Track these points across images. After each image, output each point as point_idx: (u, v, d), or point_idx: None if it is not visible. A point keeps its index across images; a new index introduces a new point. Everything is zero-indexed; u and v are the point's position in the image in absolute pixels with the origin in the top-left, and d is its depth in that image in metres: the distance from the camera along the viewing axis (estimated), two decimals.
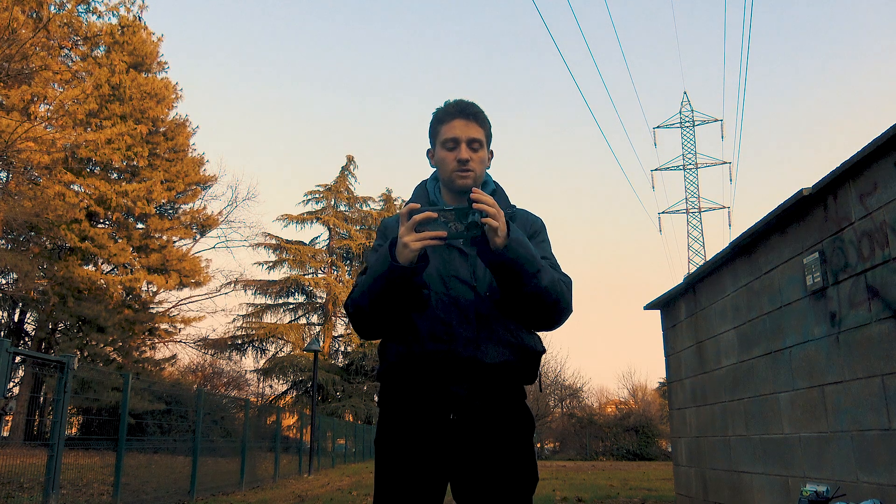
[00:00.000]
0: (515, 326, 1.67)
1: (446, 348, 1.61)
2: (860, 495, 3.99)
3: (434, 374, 1.62)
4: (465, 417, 1.62)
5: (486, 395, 1.63)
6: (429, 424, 1.63)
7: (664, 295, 7.90)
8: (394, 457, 1.65)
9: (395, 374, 1.69)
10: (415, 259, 1.51)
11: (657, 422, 35.40)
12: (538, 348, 1.72)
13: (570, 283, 1.73)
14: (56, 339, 21.77)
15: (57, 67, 18.55)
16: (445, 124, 1.76)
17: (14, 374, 17.81)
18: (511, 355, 1.65)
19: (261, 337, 36.81)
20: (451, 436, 1.62)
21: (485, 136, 1.77)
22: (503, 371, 1.64)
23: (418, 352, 1.63)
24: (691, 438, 7.32)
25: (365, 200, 41.47)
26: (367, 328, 1.68)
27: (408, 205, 1.54)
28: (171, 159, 24.03)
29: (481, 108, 1.78)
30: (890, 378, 3.85)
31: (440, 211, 1.51)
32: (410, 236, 1.49)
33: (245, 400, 14.74)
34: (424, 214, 1.50)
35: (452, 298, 1.65)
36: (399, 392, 1.69)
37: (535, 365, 1.73)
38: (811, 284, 4.71)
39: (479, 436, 1.63)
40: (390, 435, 1.68)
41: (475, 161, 1.74)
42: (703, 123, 49.07)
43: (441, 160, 1.76)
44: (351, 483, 13.38)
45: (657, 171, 50.42)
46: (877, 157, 3.98)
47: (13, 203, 17.18)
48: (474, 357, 1.60)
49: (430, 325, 1.63)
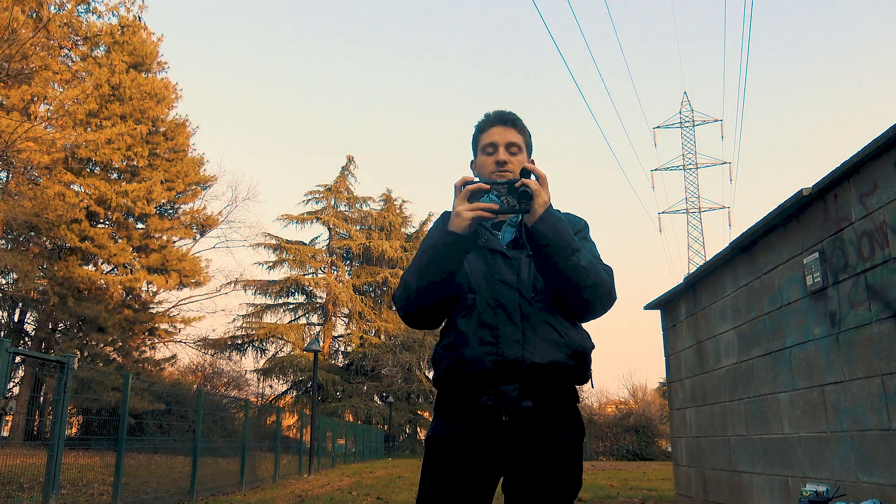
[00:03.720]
0: (562, 326, 1.68)
1: (494, 350, 1.63)
2: (860, 495, 3.99)
3: (484, 377, 1.64)
4: (516, 419, 1.64)
5: (536, 395, 1.65)
6: (481, 428, 1.65)
7: (664, 295, 7.90)
8: (444, 458, 1.68)
9: (448, 380, 1.72)
10: (467, 229, 1.56)
11: (657, 422, 35.39)
12: (587, 346, 1.73)
13: (612, 272, 1.74)
14: (56, 339, 21.77)
15: (57, 67, 18.55)
16: (485, 132, 1.82)
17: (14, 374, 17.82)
18: (559, 354, 1.65)
19: (261, 337, 36.81)
20: (502, 439, 1.65)
21: (524, 142, 1.83)
22: (552, 371, 1.65)
23: (468, 356, 1.65)
24: (691, 438, 7.32)
25: (365, 200, 41.50)
26: (414, 308, 1.70)
27: (462, 178, 1.61)
28: (171, 159, 24.02)
29: (520, 117, 1.84)
30: (890, 378, 3.85)
31: (493, 184, 1.58)
32: (463, 206, 1.56)
33: (245, 400, 14.73)
34: (477, 185, 1.57)
35: (498, 302, 1.68)
36: (452, 397, 1.72)
37: (586, 363, 1.73)
38: (811, 284, 4.71)
39: (529, 439, 1.65)
40: (440, 437, 1.71)
41: (514, 164, 1.78)
42: (703, 123, 49.05)
43: (481, 165, 1.82)
44: (351, 483, 13.37)
45: (657, 171, 50.46)
46: (877, 157, 3.98)
47: (13, 203, 17.18)
48: (521, 357, 1.63)
49: (478, 330, 1.66)
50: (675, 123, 49.49)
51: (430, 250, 1.62)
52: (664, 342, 8.30)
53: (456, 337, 1.68)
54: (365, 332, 39.02)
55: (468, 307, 1.69)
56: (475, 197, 1.56)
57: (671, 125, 49.81)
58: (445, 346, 1.71)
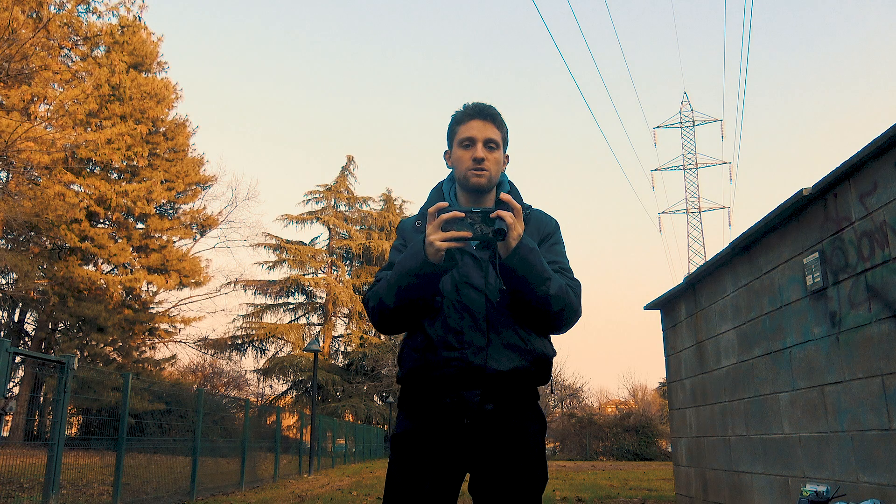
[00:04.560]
0: (526, 332, 1.70)
1: (458, 356, 1.65)
2: (860, 495, 3.99)
3: (447, 381, 1.66)
4: (478, 422, 1.66)
5: (497, 400, 1.67)
6: (444, 428, 1.67)
7: (664, 295, 7.90)
8: (406, 454, 1.70)
9: (411, 381, 1.74)
10: (441, 258, 1.56)
11: (657, 422, 35.38)
12: (549, 353, 1.75)
13: (580, 289, 1.76)
14: (56, 339, 21.77)
15: (57, 67, 18.54)
16: (463, 125, 1.80)
17: (14, 374, 17.82)
18: (521, 361, 1.67)
19: (261, 337, 36.79)
20: (465, 439, 1.67)
21: (501, 138, 1.81)
22: (514, 377, 1.67)
23: (432, 360, 1.67)
24: (691, 438, 7.32)
25: (365, 200, 41.48)
26: (387, 322, 1.72)
27: (436, 203, 1.58)
28: (171, 159, 24.02)
29: (499, 112, 1.82)
30: (890, 378, 3.85)
31: (467, 212, 1.55)
32: (437, 235, 1.55)
33: (245, 400, 14.73)
34: (451, 214, 1.54)
35: (464, 305, 1.68)
36: (416, 397, 1.74)
37: (547, 369, 1.76)
38: (811, 284, 4.71)
39: (491, 438, 1.67)
40: (407, 436, 1.72)
41: (490, 161, 1.77)
42: (703, 123, 49.10)
43: (457, 159, 1.80)
44: (351, 483, 13.37)
45: (657, 171, 50.49)
46: (877, 157, 3.98)
47: (13, 203, 17.18)
48: (485, 365, 1.64)
49: (443, 333, 1.67)
50: (675, 123, 49.54)
51: (408, 276, 1.61)
52: (664, 342, 8.30)
53: (422, 339, 1.70)
54: (365, 332, 39.01)
55: (435, 310, 1.70)
56: (449, 224, 1.54)
57: (671, 125, 49.86)
58: (411, 347, 1.73)
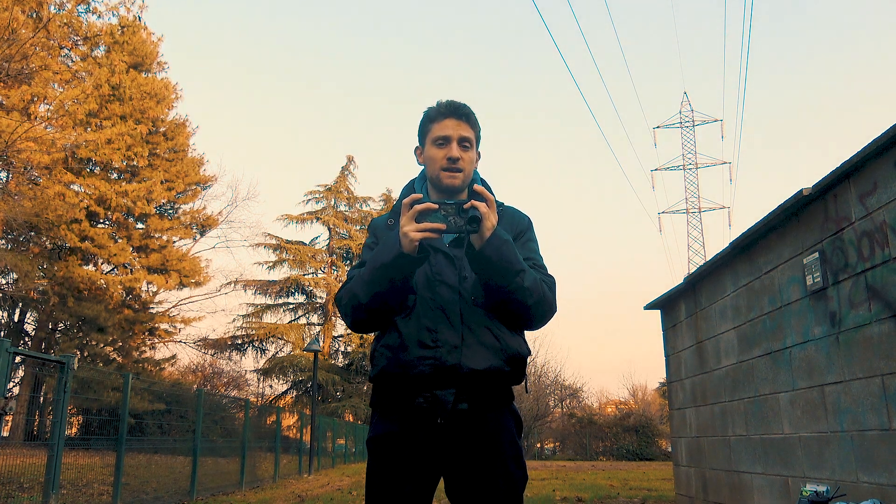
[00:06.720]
0: (500, 331, 1.69)
1: (432, 355, 1.63)
2: (860, 495, 3.99)
3: (421, 381, 1.64)
4: (452, 421, 1.64)
5: (472, 399, 1.66)
6: (418, 429, 1.66)
7: (664, 295, 7.90)
8: (384, 458, 1.68)
9: (384, 380, 1.71)
10: (415, 250, 1.54)
11: (657, 422, 35.40)
12: (523, 352, 1.74)
13: (554, 284, 1.75)
14: (56, 339, 21.77)
15: (57, 67, 18.56)
16: (437, 123, 1.78)
17: (14, 374, 17.81)
18: (496, 361, 1.66)
19: (261, 337, 36.77)
20: (439, 439, 1.65)
21: (475, 137, 1.80)
22: (489, 376, 1.66)
23: (405, 359, 1.64)
24: (691, 438, 7.32)
25: (365, 200, 41.45)
26: (361, 319, 1.70)
27: (410, 195, 1.57)
28: (171, 159, 24.02)
29: (472, 110, 1.81)
30: (890, 378, 3.85)
31: (441, 203, 1.55)
32: (411, 226, 1.54)
33: (245, 400, 14.73)
34: (425, 205, 1.54)
35: (437, 303, 1.67)
36: (389, 397, 1.72)
37: (521, 368, 1.75)
38: (811, 284, 4.71)
39: (467, 438, 1.65)
40: (381, 438, 1.71)
41: (465, 160, 1.76)
42: (703, 123, 49.08)
43: (430, 158, 1.78)
44: (351, 483, 13.37)
45: (657, 171, 50.47)
46: (877, 156, 3.98)
47: (13, 203, 17.18)
48: (459, 364, 1.62)
49: (416, 332, 1.65)
50: (675, 123, 49.52)
51: (381, 269, 1.59)
52: (664, 342, 8.30)
53: (395, 337, 1.67)
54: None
55: (408, 307, 1.68)
56: (423, 216, 1.54)
57: (671, 125, 49.85)
58: (384, 345, 1.70)
